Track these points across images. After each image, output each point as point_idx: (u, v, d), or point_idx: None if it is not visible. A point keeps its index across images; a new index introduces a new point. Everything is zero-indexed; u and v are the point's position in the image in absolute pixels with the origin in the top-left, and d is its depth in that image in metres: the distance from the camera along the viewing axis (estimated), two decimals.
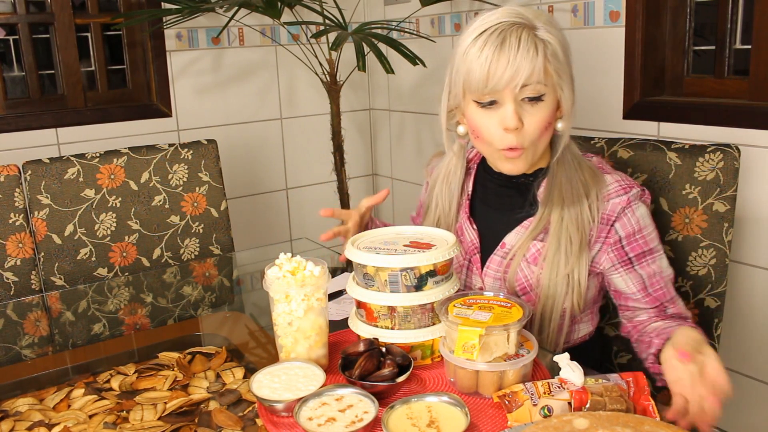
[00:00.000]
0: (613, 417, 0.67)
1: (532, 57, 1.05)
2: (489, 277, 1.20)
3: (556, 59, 1.07)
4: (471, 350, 0.94)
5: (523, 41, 1.05)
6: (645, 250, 1.14)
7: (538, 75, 1.06)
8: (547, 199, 1.15)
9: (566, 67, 1.10)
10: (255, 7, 2.16)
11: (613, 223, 1.14)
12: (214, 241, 2.00)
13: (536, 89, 1.07)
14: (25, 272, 1.76)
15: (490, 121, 1.11)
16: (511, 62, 1.05)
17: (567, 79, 1.10)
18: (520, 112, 1.08)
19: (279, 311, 1.04)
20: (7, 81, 2.29)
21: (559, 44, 1.08)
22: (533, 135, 1.10)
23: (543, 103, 1.09)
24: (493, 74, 1.06)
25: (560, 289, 1.13)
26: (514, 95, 1.07)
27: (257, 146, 2.68)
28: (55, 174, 1.79)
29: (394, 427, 0.86)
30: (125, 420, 0.99)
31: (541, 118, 1.09)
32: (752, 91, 1.64)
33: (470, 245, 1.23)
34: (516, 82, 1.05)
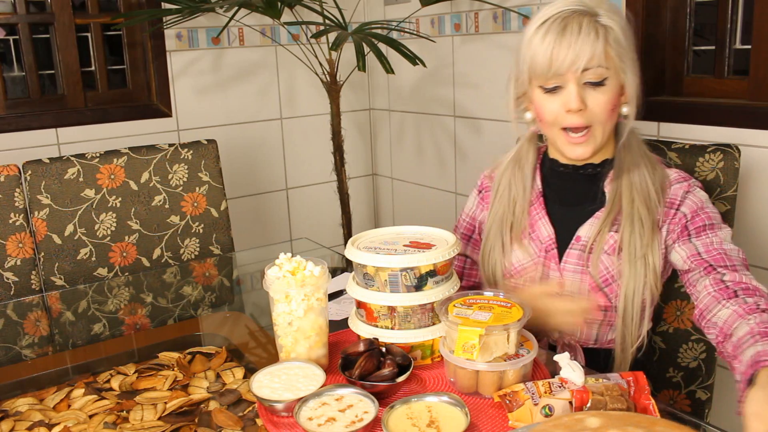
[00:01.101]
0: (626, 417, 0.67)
1: (593, 41, 1.08)
2: (568, 272, 1.20)
3: (618, 44, 1.10)
4: (471, 350, 0.94)
5: (584, 26, 1.09)
6: (705, 224, 1.14)
7: (599, 59, 1.09)
8: (616, 187, 1.17)
9: (629, 52, 1.13)
10: (255, 7, 2.16)
11: (678, 206, 1.16)
12: (214, 241, 2.00)
13: (598, 73, 1.10)
14: (25, 272, 1.76)
15: (554, 105, 1.14)
16: (572, 46, 1.08)
17: (630, 64, 1.13)
18: (584, 95, 1.11)
19: (279, 311, 1.04)
20: (7, 81, 2.29)
21: (621, 30, 1.11)
22: (599, 116, 1.13)
23: (606, 87, 1.12)
24: (555, 58, 1.10)
25: (639, 273, 1.14)
26: (577, 79, 1.11)
27: (257, 146, 2.68)
28: (55, 174, 1.79)
29: (394, 427, 0.86)
30: (125, 420, 0.99)
31: (605, 100, 1.12)
32: (752, 91, 1.63)
33: (547, 240, 1.22)
34: (577, 65, 1.09)
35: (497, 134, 2.32)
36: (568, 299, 1.13)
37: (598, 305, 1.17)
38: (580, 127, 1.13)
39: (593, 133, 1.14)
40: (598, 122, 1.13)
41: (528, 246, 1.23)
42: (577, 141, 1.14)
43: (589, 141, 1.14)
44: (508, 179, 1.29)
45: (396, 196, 2.92)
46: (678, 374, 1.35)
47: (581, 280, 1.18)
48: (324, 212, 2.86)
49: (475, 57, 2.34)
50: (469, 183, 2.49)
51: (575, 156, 1.17)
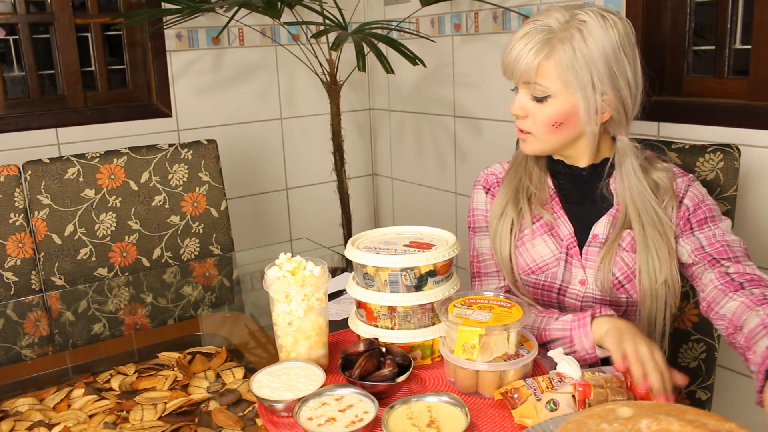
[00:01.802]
0: (656, 407, 0.69)
1: (531, 56, 1.12)
2: (590, 268, 1.20)
3: (567, 68, 1.11)
4: (471, 350, 0.94)
5: (532, 42, 1.12)
6: (707, 216, 1.17)
7: (531, 75, 1.13)
8: (628, 189, 1.19)
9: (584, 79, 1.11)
10: (255, 7, 2.16)
11: (681, 199, 1.18)
12: (214, 241, 2.00)
13: (537, 89, 1.14)
14: (25, 272, 1.76)
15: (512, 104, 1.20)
16: (513, 56, 1.14)
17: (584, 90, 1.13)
18: (527, 104, 1.16)
19: (279, 311, 1.04)
20: (7, 81, 2.29)
21: (580, 56, 1.10)
22: (538, 126, 1.16)
23: (548, 103, 1.14)
24: (504, 60, 1.16)
25: (658, 270, 1.15)
26: (525, 88, 1.16)
27: (257, 146, 2.68)
28: (55, 174, 1.79)
29: (394, 427, 0.86)
30: (125, 420, 0.99)
31: (546, 115, 1.15)
32: (752, 91, 1.63)
33: (568, 237, 1.23)
34: (516, 74, 1.15)
35: (497, 134, 2.32)
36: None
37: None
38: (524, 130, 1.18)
39: (533, 138, 1.18)
40: (535, 132, 1.17)
41: (549, 242, 1.24)
42: (522, 137, 1.20)
43: (530, 142, 1.19)
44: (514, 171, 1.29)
45: (396, 196, 2.92)
46: None
47: (603, 278, 1.19)
48: (324, 212, 2.86)
49: (475, 57, 2.34)
50: (469, 183, 2.49)
51: (525, 152, 1.22)
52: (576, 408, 0.88)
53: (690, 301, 1.32)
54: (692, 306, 1.32)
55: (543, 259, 1.24)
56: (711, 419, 0.65)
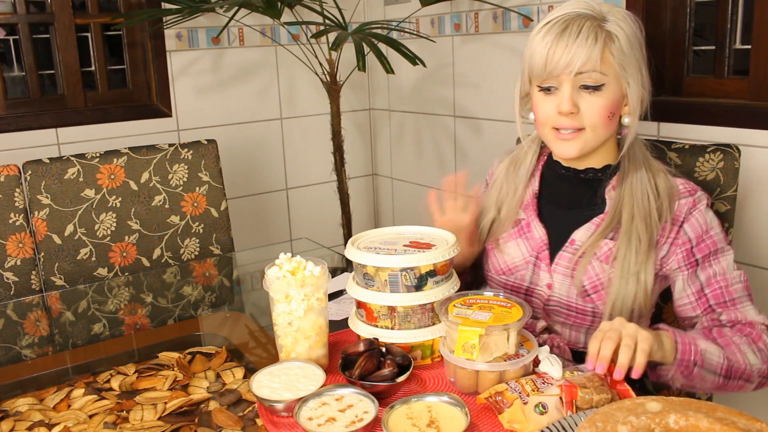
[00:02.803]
0: (685, 402, 0.68)
1: (591, 45, 1.08)
2: (558, 274, 1.19)
3: (620, 52, 1.09)
4: (471, 350, 0.94)
5: (584, 30, 1.08)
6: (712, 251, 1.13)
7: (594, 63, 1.08)
8: (618, 197, 1.16)
9: (634, 61, 1.11)
10: (255, 7, 2.16)
11: (681, 224, 1.13)
12: (214, 241, 2.00)
13: (594, 78, 1.09)
14: (25, 272, 1.76)
15: (548, 105, 1.14)
16: (568, 48, 1.08)
17: (634, 74, 1.12)
18: (577, 99, 1.11)
19: (279, 311, 1.04)
20: (7, 81, 2.29)
21: (627, 39, 1.10)
22: (591, 120, 1.12)
23: (602, 92, 1.10)
24: (550, 59, 1.10)
25: (630, 288, 1.12)
26: (572, 81, 1.10)
27: (257, 146, 2.68)
28: (55, 174, 1.79)
29: (394, 427, 0.86)
30: (125, 420, 0.99)
31: (600, 105, 1.11)
32: (752, 91, 1.63)
33: (539, 242, 1.22)
34: (572, 67, 1.08)
35: (497, 134, 2.32)
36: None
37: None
38: (571, 128, 1.13)
39: (584, 135, 1.13)
40: (590, 126, 1.12)
41: (521, 245, 1.23)
42: (565, 137, 1.14)
43: (578, 140, 1.13)
44: (501, 179, 1.29)
45: (396, 196, 2.92)
46: None
47: (570, 284, 1.17)
48: (324, 212, 2.86)
49: (475, 57, 2.34)
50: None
51: (563, 154, 1.16)
52: (564, 411, 0.88)
53: None
54: None
55: (513, 262, 1.24)
56: (741, 418, 0.65)
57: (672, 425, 0.64)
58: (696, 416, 0.65)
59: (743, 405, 1.76)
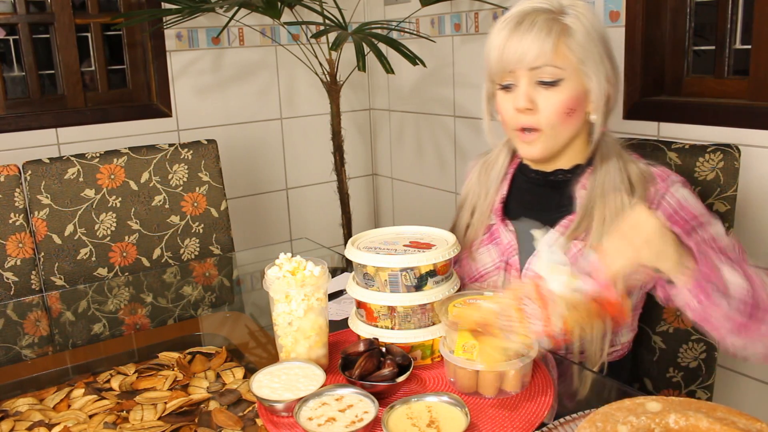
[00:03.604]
0: (686, 403, 0.69)
1: (543, 38, 1.05)
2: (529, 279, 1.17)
3: (579, 46, 1.06)
4: (471, 350, 0.94)
5: (537, 23, 1.05)
6: (692, 225, 1.06)
7: (548, 57, 1.05)
8: (588, 195, 1.12)
9: (594, 55, 1.08)
10: (255, 7, 2.16)
11: (656, 209, 1.09)
12: (214, 241, 2.00)
13: (549, 72, 1.07)
14: (25, 272, 1.76)
15: (508, 103, 1.12)
16: (521, 42, 1.06)
17: (595, 69, 1.08)
18: (534, 95, 1.08)
19: (279, 311, 1.04)
20: (7, 81, 2.29)
21: (586, 31, 1.07)
22: (549, 118, 1.09)
23: (559, 88, 1.08)
24: (504, 54, 1.08)
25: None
26: (528, 77, 1.08)
27: (257, 146, 2.68)
28: (55, 174, 1.79)
29: (394, 427, 0.86)
30: (125, 420, 0.99)
31: (558, 101, 1.08)
32: (752, 91, 1.63)
33: (507, 247, 1.20)
34: (525, 62, 1.06)
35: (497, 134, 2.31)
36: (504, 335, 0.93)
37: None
38: (530, 127, 1.10)
39: (543, 135, 1.10)
40: (548, 125, 1.09)
41: (491, 251, 1.22)
42: (527, 139, 1.12)
43: (538, 141, 1.11)
44: (473, 183, 1.27)
45: (396, 196, 2.92)
46: (678, 374, 1.35)
47: None
48: (324, 212, 2.86)
49: (475, 57, 2.34)
50: None
51: (527, 155, 1.15)
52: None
53: None
54: None
55: (485, 268, 1.22)
56: (741, 418, 0.65)
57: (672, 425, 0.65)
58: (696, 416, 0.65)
59: (743, 405, 1.77)
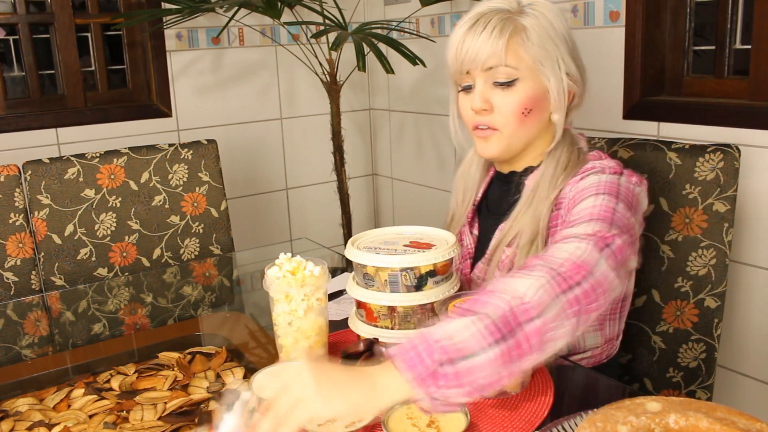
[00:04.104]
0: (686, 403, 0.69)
1: (494, 38, 1.05)
2: (476, 282, 1.17)
3: (534, 45, 1.06)
4: None
5: (491, 23, 1.05)
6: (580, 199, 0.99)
7: (500, 57, 1.05)
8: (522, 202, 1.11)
9: (551, 54, 1.07)
10: (255, 7, 2.16)
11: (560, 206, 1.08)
12: (214, 241, 2.00)
13: (504, 72, 1.06)
14: (25, 272, 1.76)
15: (466, 104, 1.12)
16: (474, 42, 1.06)
17: (553, 67, 1.07)
18: (490, 95, 1.08)
19: (279, 311, 1.04)
20: (7, 81, 2.29)
21: (543, 31, 1.06)
22: (505, 118, 1.08)
23: (515, 88, 1.07)
24: (459, 54, 1.08)
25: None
26: (484, 77, 1.08)
27: (257, 146, 2.68)
28: (55, 174, 1.79)
29: (394, 427, 0.86)
30: (125, 420, 0.99)
31: (513, 101, 1.07)
32: (752, 91, 1.64)
33: (465, 251, 1.22)
34: (478, 62, 1.06)
35: None
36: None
37: None
38: (486, 126, 1.10)
39: (499, 135, 1.10)
40: (504, 125, 1.09)
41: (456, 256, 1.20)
42: (482, 135, 1.11)
43: (494, 139, 1.10)
44: (455, 189, 1.28)
45: (396, 196, 2.92)
46: (678, 374, 1.35)
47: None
48: (324, 212, 2.86)
49: None
50: None
51: (483, 154, 1.14)
52: None
53: (690, 300, 1.33)
54: (692, 306, 1.32)
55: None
56: (741, 418, 0.65)
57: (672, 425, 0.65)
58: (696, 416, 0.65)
59: (743, 405, 1.77)
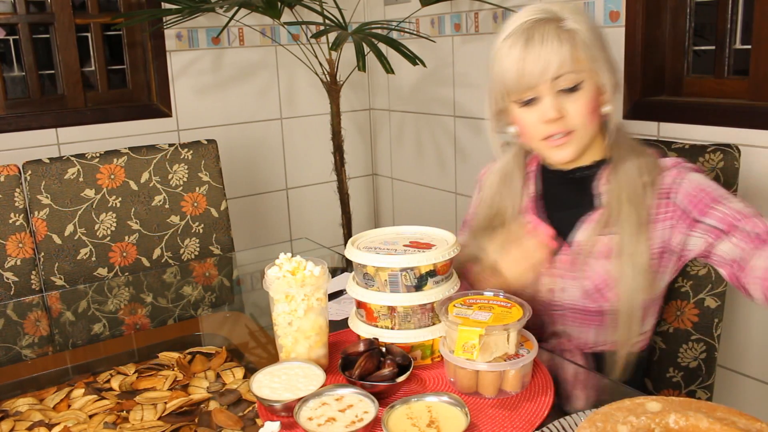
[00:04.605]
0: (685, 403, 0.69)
1: (558, 48, 1.07)
2: (558, 277, 1.18)
3: (586, 47, 1.09)
4: (471, 350, 0.94)
5: (547, 35, 1.08)
6: (714, 198, 1.08)
7: (568, 65, 1.08)
8: (611, 191, 1.15)
9: (600, 51, 1.11)
10: (255, 7, 2.16)
11: (668, 195, 1.12)
12: (214, 241, 2.00)
13: (570, 79, 1.09)
14: (25, 272, 1.76)
15: (533, 117, 1.13)
16: (539, 56, 1.08)
17: (603, 63, 1.12)
18: (560, 103, 1.10)
19: (279, 311, 1.04)
20: (7, 81, 2.29)
21: (588, 31, 1.10)
22: (579, 120, 1.11)
23: (581, 91, 1.10)
24: (523, 72, 1.09)
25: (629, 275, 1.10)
26: (550, 88, 1.10)
27: (257, 146, 2.68)
28: (55, 174, 1.79)
29: (394, 427, 0.86)
30: (125, 420, 0.99)
31: (582, 104, 1.10)
32: (752, 91, 1.64)
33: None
34: (547, 75, 1.08)
35: None
36: (521, 252, 1.10)
37: (550, 252, 1.11)
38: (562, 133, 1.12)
39: (575, 136, 1.13)
40: (579, 126, 1.12)
41: None
42: (558, 143, 1.13)
43: (571, 143, 1.13)
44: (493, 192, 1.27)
45: (396, 196, 2.92)
46: (678, 374, 1.35)
47: (572, 286, 1.17)
48: (324, 212, 2.86)
49: (475, 57, 2.34)
50: (470, 183, 2.49)
51: (560, 159, 1.16)
52: None
53: (690, 300, 1.33)
54: (692, 306, 1.33)
55: None
56: (741, 418, 0.66)
57: (672, 425, 0.65)
58: (696, 416, 0.66)
59: (743, 405, 1.77)
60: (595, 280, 1.15)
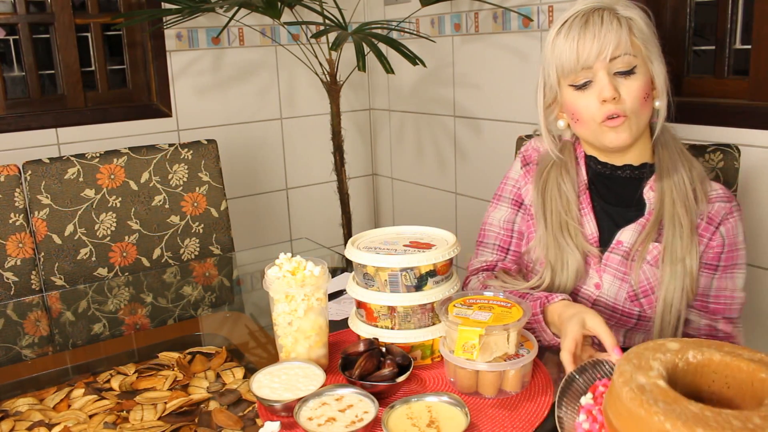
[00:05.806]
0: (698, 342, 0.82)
1: (617, 29, 1.10)
2: (608, 274, 1.18)
3: (642, 33, 1.12)
4: (471, 350, 0.94)
5: (605, 18, 1.10)
6: (733, 264, 1.16)
7: (626, 46, 1.10)
8: (658, 194, 1.16)
9: (653, 40, 1.14)
10: (255, 7, 2.16)
11: (718, 225, 1.15)
12: (214, 241, 2.00)
13: (626, 61, 1.11)
14: (25, 272, 1.76)
15: (588, 100, 1.13)
16: (597, 36, 1.09)
17: (656, 54, 1.14)
18: (615, 85, 1.11)
19: (279, 311, 1.04)
20: (7, 81, 2.29)
21: (642, 20, 1.13)
22: (632, 104, 1.12)
23: (636, 74, 1.12)
24: (581, 51, 1.10)
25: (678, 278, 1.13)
26: (607, 69, 1.11)
27: (257, 146, 2.68)
28: (55, 174, 1.79)
29: (394, 427, 0.86)
30: (125, 420, 0.99)
31: (637, 87, 1.11)
32: (752, 91, 1.64)
33: (590, 238, 1.20)
34: (605, 54, 1.09)
35: (497, 134, 2.32)
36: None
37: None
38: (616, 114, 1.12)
39: (629, 122, 1.13)
40: (632, 111, 1.12)
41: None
42: (616, 123, 1.12)
43: (625, 126, 1.12)
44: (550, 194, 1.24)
45: (396, 196, 2.92)
46: None
47: (619, 287, 1.17)
48: (324, 212, 2.86)
49: (475, 57, 2.34)
50: (470, 183, 2.49)
51: (616, 143, 1.14)
52: None
53: None
54: None
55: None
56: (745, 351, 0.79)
57: (691, 359, 0.78)
58: (709, 351, 0.79)
59: None
60: (642, 285, 1.16)
